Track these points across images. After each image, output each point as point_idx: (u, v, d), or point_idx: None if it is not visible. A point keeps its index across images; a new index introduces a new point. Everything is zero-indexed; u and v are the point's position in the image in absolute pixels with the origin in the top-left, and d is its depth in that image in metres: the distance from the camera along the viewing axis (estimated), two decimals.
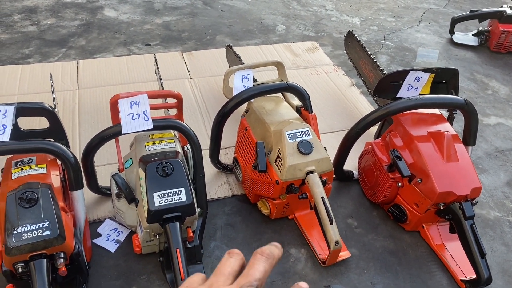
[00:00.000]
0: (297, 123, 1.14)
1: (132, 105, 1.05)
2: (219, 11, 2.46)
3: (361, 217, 1.27)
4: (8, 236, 0.85)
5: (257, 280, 0.45)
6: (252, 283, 0.45)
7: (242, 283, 0.45)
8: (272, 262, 0.49)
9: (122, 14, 2.34)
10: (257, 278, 0.46)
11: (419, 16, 2.64)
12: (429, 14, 2.67)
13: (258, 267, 0.47)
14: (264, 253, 0.48)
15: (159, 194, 0.99)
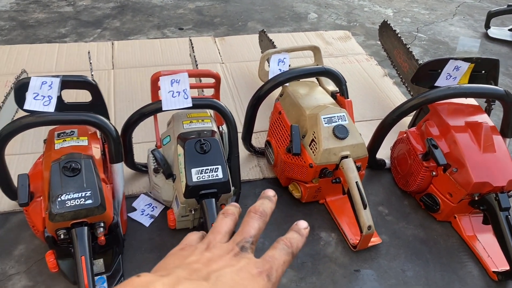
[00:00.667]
0: (333, 108, 1.14)
1: (172, 83, 1.07)
2: None
3: (392, 205, 1.27)
4: (52, 203, 0.88)
5: (252, 236, 0.48)
6: (248, 239, 0.47)
7: (237, 240, 0.47)
8: (266, 219, 0.51)
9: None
10: (252, 235, 0.48)
11: (453, 9, 2.60)
12: (464, 8, 2.62)
13: (252, 225, 0.49)
14: (258, 212, 0.50)
15: (197, 170, 1.01)
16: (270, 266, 0.45)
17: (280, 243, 0.48)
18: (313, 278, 1.06)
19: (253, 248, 0.47)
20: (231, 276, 0.44)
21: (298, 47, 1.38)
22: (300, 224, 0.51)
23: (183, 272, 0.41)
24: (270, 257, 0.46)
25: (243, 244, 0.46)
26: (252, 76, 1.76)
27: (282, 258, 0.46)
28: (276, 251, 0.47)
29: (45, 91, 0.99)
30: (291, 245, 0.48)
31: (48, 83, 0.99)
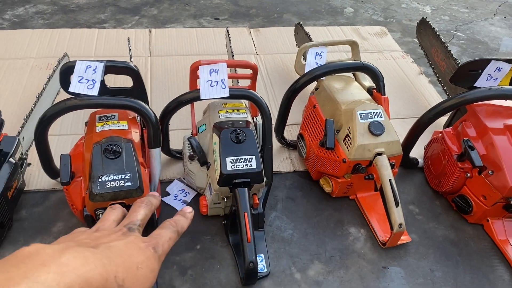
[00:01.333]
0: (369, 104, 1.14)
1: (211, 73, 1.09)
2: None
3: (423, 204, 1.26)
4: (93, 183, 0.91)
5: (138, 220, 0.54)
6: (135, 222, 0.53)
7: (125, 223, 0.53)
8: (151, 208, 0.58)
9: None
10: (139, 219, 0.56)
11: (494, 8, 2.53)
12: (506, 8, 2.55)
13: (139, 211, 0.56)
14: (144, 202, 0.58)
15: (232, 159, 1.03)
16: (157, 241, 0.52)
17: (166, 223, 0.55)
18: (340, 272, 1.07)
19: (140, 230, 0.55)
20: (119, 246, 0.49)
21: (336, 41, 1.38)
22: (185, 209, 0.60)
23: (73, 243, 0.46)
24: (156, 234, 0.53)
25: (130, 226, 0.53)
26: (286, 69, 1.76)
27: (167, 235, 0.53)
28: (162, 230, 0.54)
29: (90, 75, 1.02)
30: (176, 224, 0.55)
31: (93, 67, 1.02)
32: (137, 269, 0.48)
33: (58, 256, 0.42)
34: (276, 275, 1.05)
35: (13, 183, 1.10)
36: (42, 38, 1.81)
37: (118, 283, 0.45)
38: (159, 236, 0.52)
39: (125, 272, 0.46)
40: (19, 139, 1.14)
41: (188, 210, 0.59)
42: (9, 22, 1.96)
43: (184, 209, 0.59)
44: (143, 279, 0.48)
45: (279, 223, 1.17)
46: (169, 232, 0.53)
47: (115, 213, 0.55)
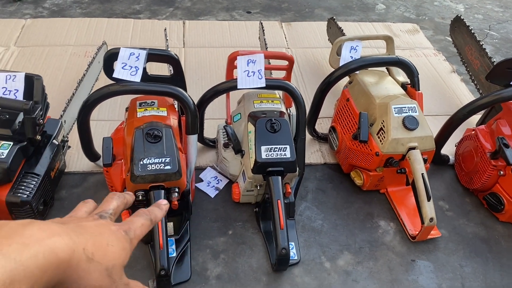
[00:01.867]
0: (404, 98, 1.15)
1: (248, 63, 1.11)
2: None
3: (453, 201, 1.26)
4: (135, 165, 0.95)
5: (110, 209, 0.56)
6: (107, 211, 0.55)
7: (96, 211, 0.54)
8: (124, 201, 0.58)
9: None
10: (110, 208, 0.55)
11: None
12: None
13: (111, 201, 0.56)
14: (116, 194, 0.58)
15: (266, 148, 1.05)
16: (128, 226, 0.52)
17: (140, 211, 0.56)
18: (370, 263, 1.08)
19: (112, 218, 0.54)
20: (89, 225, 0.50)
21: (371, 36, 1.39)
22: (160, 201, 0.62)
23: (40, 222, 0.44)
24: (129, 220, 0.54)
25: (101, 214, 0.54)
26: (317, 63, 1.77)
27: (140, 221, 0.54)
28: (135, 217, 0.55)
29: (133, 62, 1.05)
30: (149, 213, 0.56)
31: (136, 54, 1.06)
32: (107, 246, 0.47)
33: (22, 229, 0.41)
34: (306, 263, 1.07)
35: (56, 164, 1.14)
36: (80, 26, 1.87)
37: (87, 256, 0.44)
38: (131, 221, 0.53)
39: (94, 247, 0.45)
40: (62, 122, 1.19)
41: (163, 203, 0.61)
42: (48, 11, 2.02)
43: (159, 201, 0.62)
44: (114, 255, 0.48)
45: (309, 213, 1.19)
46: (142, 219, 0.54)
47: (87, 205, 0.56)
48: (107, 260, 0.46)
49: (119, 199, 0.57)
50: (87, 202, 0.57)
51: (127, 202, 0.58)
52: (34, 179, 1.04)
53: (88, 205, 0.56)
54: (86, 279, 0.44)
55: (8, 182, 1.01)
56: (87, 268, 0.44)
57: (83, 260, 0.44)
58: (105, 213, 0.53)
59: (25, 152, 1.05)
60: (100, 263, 0.46)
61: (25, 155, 1.06)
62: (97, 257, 0.45)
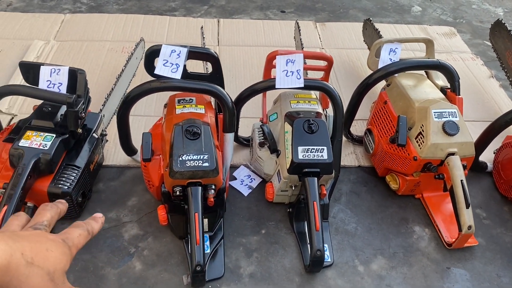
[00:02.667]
0: (444, 103, 1.13)
1: (287, 63, 1.11)
2: None
3: (490, 209, 1.23)
4: (174, 161, 0.96)
5: (44, 221, 0.54)
6: (41, 223, 0.54)
7: (30, 224, 0.53)
8: (57, 211, 0.58)
9: None
10: (45, 219, 0.54)
11: None
12: None
13: (44, 214, 0.55)
14: (48, 205, 0.57)
15: (303, 149, 1.05)
16: (66, 235, 0.52)
17: (77, 223, 0.56)
18: (404, 268, 1.07)
19: (47, 229, 0.53)
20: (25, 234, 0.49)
21: (411, 38, 1.37)
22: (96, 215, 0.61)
23: None
24: (66, 231, 0.54)
25: (36, 226, 0.53)
26: (352, 64, 1.76)
27: (77, 231, 0.54)
28: (72, 228, 0.55)
29: (174, 59, 1.07)
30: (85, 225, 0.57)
31: (177, 51, 1.07)
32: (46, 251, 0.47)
33: None
34: (339, 266, 1.06)
35: (95, 157, 1.17)
36: (117, 22, 1.90)
37: (26, 260, 0.44)
38: (68, 232, 0.54)
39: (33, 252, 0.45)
40: (101, 116, 1.22)
41: (99, 216, 0.62)
42: (86, 6, 2.07)
43: (95, 214, 0.62)
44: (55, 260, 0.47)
45: (343, 216, 1.18)
46: (79, 229, 0.55)
47: (19, 219, 0.55)
48: (48, 265, 0.46)
49: (52, 209, 0.57)
50: (18, 215, 0.56)
51: (60, 212, 0.58)
52: (75, 171, 1.07)
53: (20, 218, 0.55)
54: (27, 284, 0.44)
55: (50, 173, 1.04)
56: (28, 273, 0.44)
57: (22, 264, 0.43)
58: (39, 225, 0.53)
59: (66, 145, 1.08)
60: (41, 267, 0.45)
61: (67, 148, 1.09)
62: (37, 262, 0.45)
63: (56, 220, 0.57)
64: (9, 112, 1.41)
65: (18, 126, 1.10)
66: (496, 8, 2.37)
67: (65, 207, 0.61)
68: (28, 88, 1.07)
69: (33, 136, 1.05)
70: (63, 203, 0.61)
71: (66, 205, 0.61)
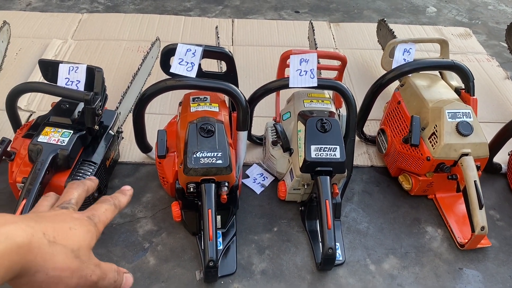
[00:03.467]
0: (458, 103, 1.12)
1: (301, 62, 1.12)
2: None
3: (504, 211, 1.23)
4: (188, 158, 0.97)
5: (72, 199, 0.54)
6: (68, 202, 0.54)
7: (58, 204, 0.54)
8: (84, 188, 0.57)
9: None
10: (72, 198, 0.54)
11: None
12: None
13: (72, 192, 0.55)
14: (75, 183, 0.57)
15: (316, 147, 1.06)
16: (92, 212, 0.52)
17: (103, 198, 0.56)
18: (416, 268, 1.07)
19: (74, 208, 0.54)
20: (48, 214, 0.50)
21: (426, 39, 1.37)
22: (124, 187, 0.61)
23: None
24: (91, 207, 0.53)
25: (63, 205, 0.53)
26: (366, 64, 1.76)
27: (103, 207, 0.54)
28: (97, 204, 0.55)
29: (189, 58, 1.08)
30: (112, 199, 0.56)
31: (192, 50, 1.09)
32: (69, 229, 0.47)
33: None
34: (351, 265, 1.07)
35: (111, 154, 1.19)
36: (133, 22, 1.93)
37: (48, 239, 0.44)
38: (94, 208, 0.54)
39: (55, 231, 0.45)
40: (117, 113, 1.24)
41: (127, 188, 0.61)
42: (103, 6, 2.10)
43: (123, 187, 0.61)
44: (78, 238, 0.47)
45: (355, 215, 1.19)
46: (106, 204, 0.55)
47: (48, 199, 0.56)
48: (72, 243, 0.46)
49: (79, 187, 0.57)
50: (48, 195, 0.57)
51: (88, 189, 0.58)
52: (91, 166, 1.09)
53: (49, 198, 0.56)
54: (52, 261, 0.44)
55: (68, 169, 1.06)
56: (51, 251, 0.44)
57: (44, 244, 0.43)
58: (66, 204, 0.53)
59: (83, 141, 1.10)
60: (64, 245, 0.45)
61: (84, 144, 1.11)
62: (60, 240, 0.45)
63: (84, 197, 0.57)
64: (28, 109, 1.44)
65: (37, 123, 1.13)
66: None
67: (94, 183, 0.61)
68: (47, 85, 1.10)
69: (51, 132, 1.07)
70: (92, 179, 0.61)
71: (95, 181, 0.61)
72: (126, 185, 0.61)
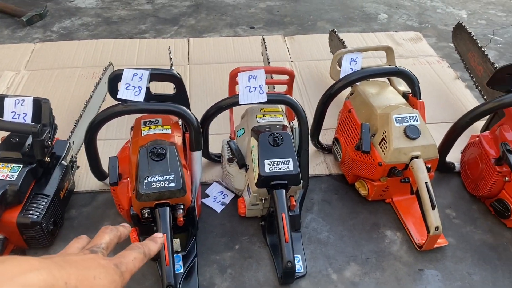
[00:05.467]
0: (405, 108, 1.15)
1: (250, 79, 1.13)
2: None
3: (460, 209, 1.26)
4: (140, 183, 0.97)
5: (102, 243, 0.55)
6: (98, 245, 0.54)
7: (88, 247, 0.54)
8: (117, 234, 0.58)
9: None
10: (103, 242, 0.55)
11: None
12: None
13: (103, 236, 0.56)
14: (108, 228, 0.58)
15: (269, 162, 1.06)
16: (120, 260, 0.52)
17: (133, 245, 0.56)
18: (376, 273, 1.08)
19: (104, 252, 0.54)
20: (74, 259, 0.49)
21: (371, 47, 1.40)
22: (156, 235, 0.61)
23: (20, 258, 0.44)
24: (121, 254, 0.53)
25: (93, 248, 0.53)
26: (321, 75, 1.79)
27: (132, 255, 0.54)
28: (127, 251, 0.55)
29: (136, 82, 1.08)
30: (142, 246, 0.56)
31: (139, 74, 1.09)
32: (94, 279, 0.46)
33: None
34: (313, 275, 1.07)
35: (65, 184, 1.17)
36: (87, 48, 1.92)
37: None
38: (123, 255, 0.53)
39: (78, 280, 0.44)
40: (70, 143, 1.22)
41: (159, 236, 0.61)
42: (57, 34, 2.08)
43: (155, 234, 0.61)
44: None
45: (315, 225, 1.20)
46: (135, 252, 0.55)
47: (80, 242, 0.56)
48: None
49: (111, 232, 0.57)
50: (80, 238, 0.57)
51: (120, 235, 0.58)
52: (44, 200, 1.07)
53: (81, 241, 0.56)
54: None
55: (19, 204, 1.04)
56: None
57: None
58: (96, 248, 0.53)
59: (34, 174, 1.08)
60: None
61: (35, 177, 1.09)
62: None
63: (116, 243, 0.57)
64: None
65: None
66: (460, 11, 2.44)
67: (127, 230, 0.61)
68: None
69: (0, 168, 1.05)
70: (126, 227, 0.61)
71: (128, 228, 0.61)
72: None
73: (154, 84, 1.37)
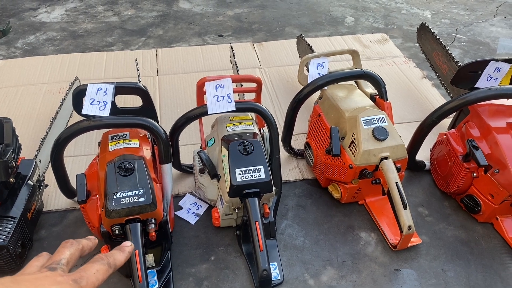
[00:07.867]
0: (372, 110, 1.17)
1: (217, 88, 1.13)
2: (288, 3, 2.51)
3: (432, 206, 1.28)
4: (109, 200, 0.95)
5: (62, 259, 0.53)
6: (57, 262, 0.53)
7: (47, 264, 0.53)
8: (78, 247, 0.56)
9: (196, 6, 2.45)
10: (62, 258, 0.53)
11: (494, 9, 2.55)
12: (506, 8, 2.57)
13: (63, 251, 0.55)
14: (69, 242, 0.56)
15: (241, 171, 1.06)
16: (80, 274, 0.50)
17: (96, 257, 0.54)
18: (353, 276, 1.08)
19: (64, 268, 0.52)
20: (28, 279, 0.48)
21: (337, 51, 1.41)
22: (124, 243, 0.59)
23: None
24: (82, 268, 0.52)
25: (51, 266, 0.52)
26: (291, 80, 1.80)
27: (95, 267, 0.52)
28: (89, 263, 0.53)
29: (101, 96, 1.06)
30: (107, 257, 0.55)
31: (103, 89, 1.07)
32: None
33: None
34: (290, 282, 1.07)
35: (32, 205, 1.14)
36: (53, 63, 1.88)
37: None
38: (83, 269, 0.52)
39: None
40: (36, 162, 1.19)
41: (127, 244, 0.59)
42: (21, 50, 2.03)
43: (123, 243, 0.59)
44: None
45: (291, 231, 1.19)
46: (97, 265, 0.53)
47: (39, 259, 0.54)
48: None
49: (72, 246, 0.55)
50: (40, 256, 0.55)
51: (83, 248, 0.56)
52: (10, 222, 1.04)
53: (41, 258, 0.54)
54: None
55: None
56: None
57: None
58: (55, 264, 0.51)
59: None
60: None
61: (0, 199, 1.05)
62: None
63: (78, 257, 0.55)
64: None
65: None
66: (424, 11, 2.49)
67: (92, 243, 0.58)
68: None
69: None
70: (90, 239, 0.58)
71: (93, 240, 0.58)
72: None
73: (123, 98, 1.36)
